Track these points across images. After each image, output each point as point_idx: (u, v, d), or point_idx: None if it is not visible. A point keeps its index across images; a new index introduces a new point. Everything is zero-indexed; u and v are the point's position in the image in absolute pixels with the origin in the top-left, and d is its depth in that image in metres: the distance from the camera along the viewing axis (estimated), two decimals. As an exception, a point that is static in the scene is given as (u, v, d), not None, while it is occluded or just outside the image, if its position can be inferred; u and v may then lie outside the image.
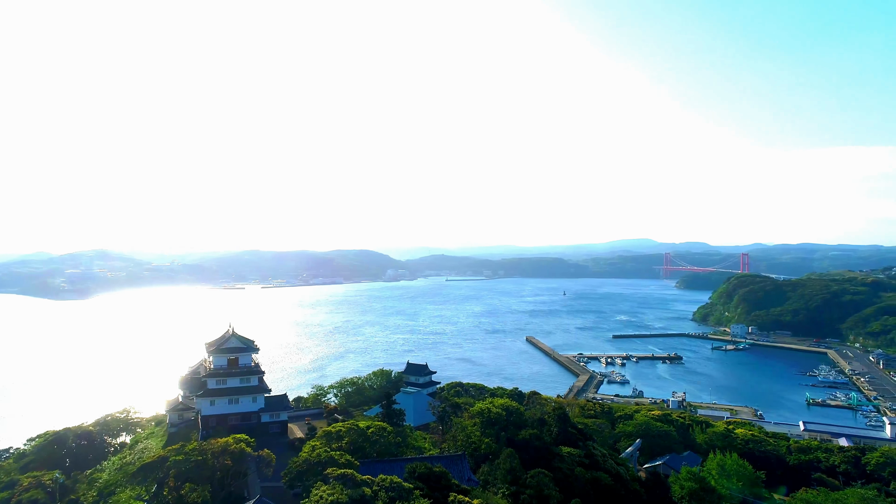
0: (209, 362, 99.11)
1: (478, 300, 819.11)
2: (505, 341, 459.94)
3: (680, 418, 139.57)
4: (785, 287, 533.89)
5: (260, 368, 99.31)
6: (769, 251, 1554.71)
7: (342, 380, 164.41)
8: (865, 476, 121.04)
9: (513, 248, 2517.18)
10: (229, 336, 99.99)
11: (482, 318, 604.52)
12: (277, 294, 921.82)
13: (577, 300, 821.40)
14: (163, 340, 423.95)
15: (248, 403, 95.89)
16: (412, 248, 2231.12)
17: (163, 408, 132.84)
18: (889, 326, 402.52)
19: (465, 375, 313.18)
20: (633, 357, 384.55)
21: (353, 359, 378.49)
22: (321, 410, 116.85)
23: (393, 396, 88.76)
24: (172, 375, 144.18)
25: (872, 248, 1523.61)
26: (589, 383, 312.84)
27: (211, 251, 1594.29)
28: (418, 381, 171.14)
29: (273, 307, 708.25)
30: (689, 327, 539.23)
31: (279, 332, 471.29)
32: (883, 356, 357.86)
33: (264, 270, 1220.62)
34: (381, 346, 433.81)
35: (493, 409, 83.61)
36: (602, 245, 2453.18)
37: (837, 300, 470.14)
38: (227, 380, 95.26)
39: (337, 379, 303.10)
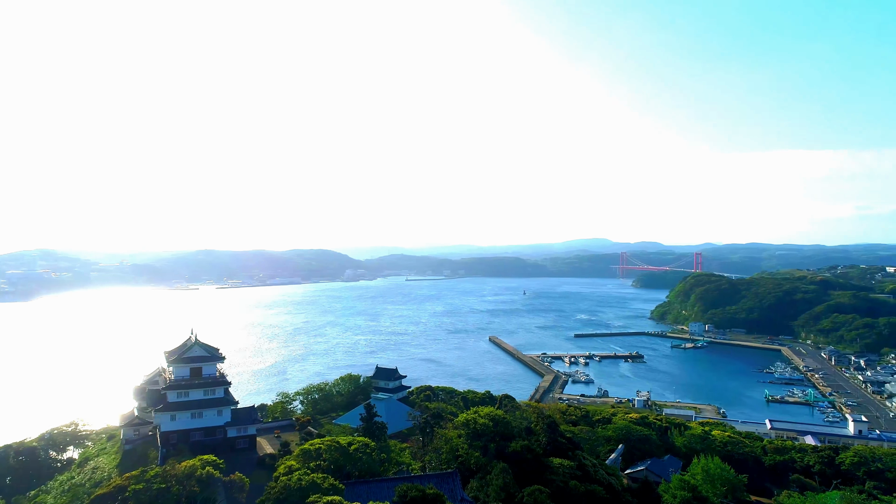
0: (169, 373, 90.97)
1: (439, 300, 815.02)
2: (468, 341, 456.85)
3: (657, 420, 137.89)
4: (739, 286, 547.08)
5: (226, 379, 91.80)
6: (720, 250, 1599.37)
7: (308, 386, 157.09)
8: (840, 475, 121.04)
9: (472, 247, 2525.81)
10: (192, 344, 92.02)
11: (444, 318, 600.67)
12: (234, 295, 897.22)
13: (537, 299, 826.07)
14: (114, 346, 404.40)
15: (213, 417, 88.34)
16: (371, 248, 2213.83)
17: (115, 420, 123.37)
18: (839, 324, 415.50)
19: (430, 377, 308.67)
20: (596, 356, 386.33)
21: (315, 361, 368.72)
22: (291, 422, 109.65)
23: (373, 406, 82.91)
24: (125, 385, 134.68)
25: (816, 247, 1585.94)
26: (554, 383, 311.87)
27: (162, 251, 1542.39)
28: (388, 386, 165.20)
29: (229, 309, 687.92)
30: (647, 326, 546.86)
31: (237, 335, 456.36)
32: (835, 353, 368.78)
33: (219, 271, 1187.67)
34: (343, 347, 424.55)
35: (479, 419, 78.82)
36: (559, 245, 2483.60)
37: (789, 298, 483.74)
38: (190, 392, 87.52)
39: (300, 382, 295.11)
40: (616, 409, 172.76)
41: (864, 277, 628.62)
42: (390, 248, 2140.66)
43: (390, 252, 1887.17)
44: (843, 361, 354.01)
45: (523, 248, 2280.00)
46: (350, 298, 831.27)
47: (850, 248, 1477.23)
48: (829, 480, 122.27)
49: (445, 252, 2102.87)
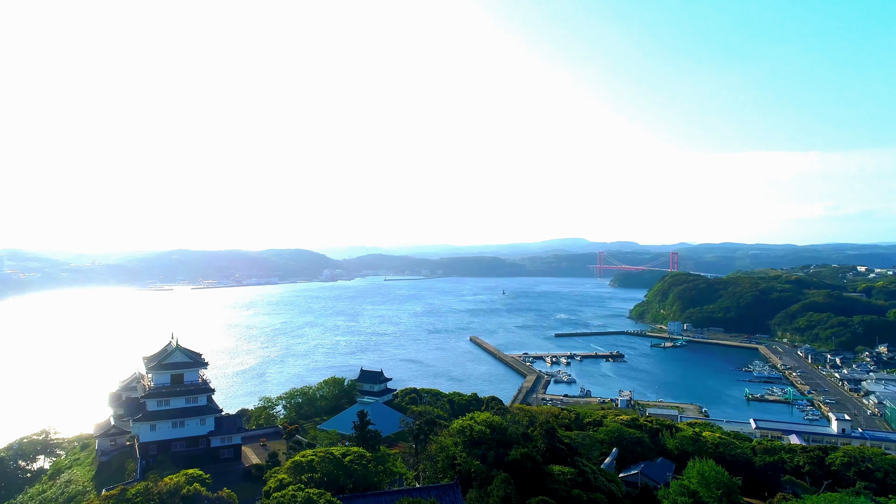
0: (148, 380, 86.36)
1: (418, 300, 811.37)
2: (449, 341, 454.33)
3: (647, 422, 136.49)
4: (717, 285, 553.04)
5: (209, 386, 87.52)
6: (695, 250, 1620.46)
7: (291, 390, 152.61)
8: (830, 476, 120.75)
9: (450, 247, 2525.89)
10: (172, 349, 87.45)
11: (424, 318, 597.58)
12: (209, 295, 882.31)
13: (516, 299, 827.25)
14: (86, 349, 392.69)
15: (196, 426, 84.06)
16: (348, 248, 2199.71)
17: (89, 428, 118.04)
18: (814, 322, 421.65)
19: (412, 378, 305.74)
20: (578, 356, 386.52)
21: (295, 362, 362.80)
22: (277, 429, 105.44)
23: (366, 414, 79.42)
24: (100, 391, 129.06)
25: (787, 247, 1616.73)
26: (537, 383, 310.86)
27: (135, 251, 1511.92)
28: (373, 389, 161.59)
29: (205, 309, 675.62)
30: (626, 325, 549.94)
31: (214, 336, 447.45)
32: (811, 351, 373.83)
33: (194, 271, 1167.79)
34: (323, 348, 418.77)
35: (475, 426, 75.89)
36: (537, 244, 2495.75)
37: (766, 297, 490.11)
38: (171, 400, 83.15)
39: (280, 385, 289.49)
40: (606, 411, 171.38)
41: (835, 276, 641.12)
42: (368, 248, 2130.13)
43: (368, 252, 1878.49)
44: (820, 359, 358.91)
45: (501, 248, 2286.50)
46: (328, 299, 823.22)
47: (820, 248, 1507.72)
48: (820, 481, 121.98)
49: (423, 252, 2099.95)
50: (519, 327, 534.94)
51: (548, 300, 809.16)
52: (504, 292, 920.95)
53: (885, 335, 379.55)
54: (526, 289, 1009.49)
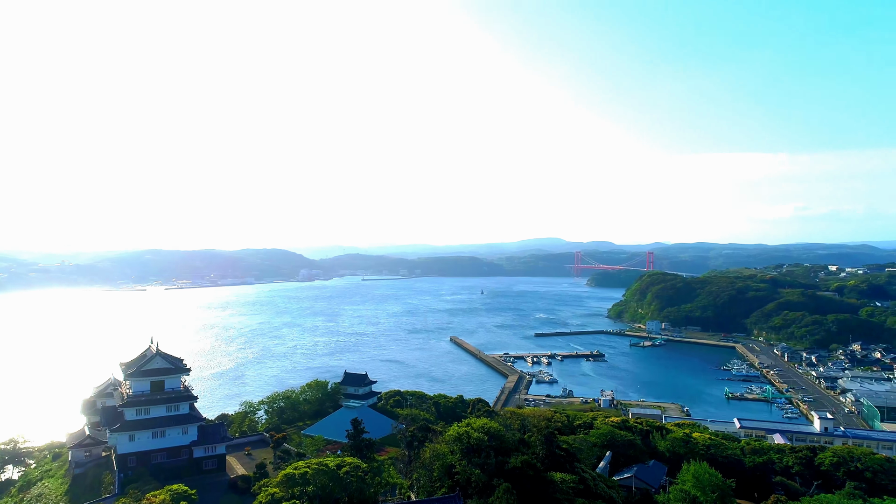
0: (126, 387, 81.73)
1: (397, 300, 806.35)
2: (429, 341, 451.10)
3: (637, 424, 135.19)
4: (694, 284, 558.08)
5: (191, 393, 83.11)
6: (669, 250, 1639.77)
7: (273, 394, 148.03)
8: (820, 476, 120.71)
9: (427, 246, 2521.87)
10: (152, 355, 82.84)
11: (403, 318, 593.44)
12: (183, 296, 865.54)
13: (495, 298, 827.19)
14: (57, 353, 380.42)
15: (177, 436, 79.67)
16: (325, 248, 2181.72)
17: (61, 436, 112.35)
18: (789, 321, 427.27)
19: (393, 378, 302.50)
20: (558, 356, 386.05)
21: (274, 364, 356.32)
22: (262, 436, 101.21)
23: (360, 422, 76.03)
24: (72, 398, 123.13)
25: (759, 246, 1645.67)
26: (519, 384, 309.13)
27: (106, 251, 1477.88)
28: (357, 393, 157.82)
29: (180, 310, 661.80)
30: (605, 324, 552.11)
31: (189, 338, 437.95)
32: (787, 349, 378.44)
33: (167, 271, 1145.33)
34: (302, 349, 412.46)
35: (472, 433, 73.09)
36: (514, 244, 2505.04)
37: (742, 296, 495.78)
38: (151, 408, 78.62)
39: (259, 388, 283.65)
40: (595, 413, 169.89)
41: (808, 276, 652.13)
42: (345, 248, 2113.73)
43: (345, 251, 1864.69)
44: (796, 358, 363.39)
45: (479, 248, 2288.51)
46: (306, 299, 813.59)
47: (791, 248, 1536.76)
48: (810, 482, 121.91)
49: (401, 251, 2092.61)
50: (498, 327, 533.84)
51: (526, 299, 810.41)
52: (483, 292, 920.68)
53: (857, 333, 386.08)
54: (504, 288, 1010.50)
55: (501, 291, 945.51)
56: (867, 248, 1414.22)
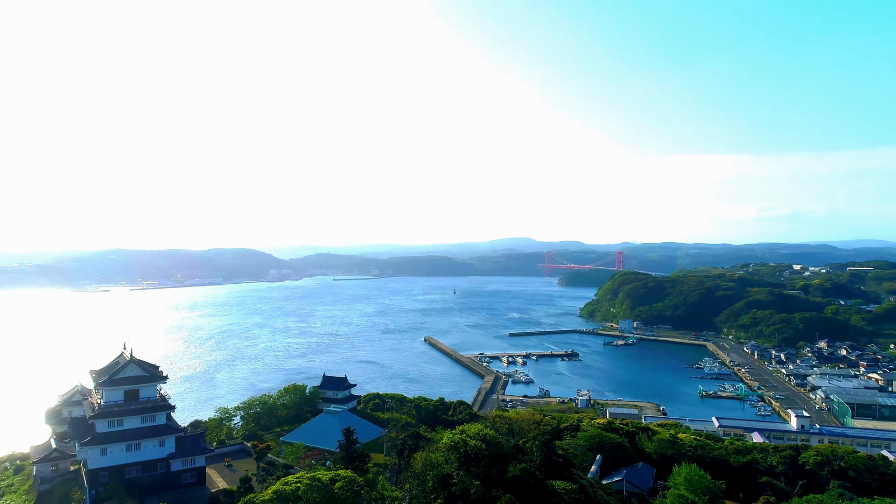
0: (97, 397, 76.39)
1: (369, 300, 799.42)
2: (403, 342, 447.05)
3: (622, 425, 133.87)
4: (665, 284, 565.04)
5: (168, 402, 78.19)
6: (638, 249, 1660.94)
7: (250, 399, 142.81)
8: (804, 475, 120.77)
9: (398, 246, 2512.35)
10: (126, 362, 77.52)
11: (376, 318, 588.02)
12: (149, 296, 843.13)
13: (467, 298, 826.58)
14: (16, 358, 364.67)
15: (154, 449, 74.68)
16: (295, 247, 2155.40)
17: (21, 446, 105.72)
18: (758, 319, 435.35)
19: (368, 380, 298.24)
20: (533, 355, 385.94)
21: (245, 366, 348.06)
22: (243, 446, 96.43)
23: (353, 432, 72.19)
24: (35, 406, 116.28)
25: (725, 246, 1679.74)
26: (496, 384, 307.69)
27: (68, 250, 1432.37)
28: (337, 397, 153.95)
29: (146, 311, 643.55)
30: (578, 323, 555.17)
31: (156, 340, 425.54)
32: (757, 347, 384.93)
33: (132, 271, 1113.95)
34: (274, 350, 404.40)
35: (470, 441, 69.95)
36: (485, 244, 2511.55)
37: (712, 295, 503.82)
38: (125, 420, 73.43)
39: (232, 392, 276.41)
40: (581, 415, 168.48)
41: (773, 275, 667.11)
42: (315, 248, 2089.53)
43: (315, 251, 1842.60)
44: (765, 356, 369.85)
45: (450, 247, 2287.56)
46: (277, 299, 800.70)
47: (755, 247, 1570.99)
48: (794, 481, 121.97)
49: (372, 251, 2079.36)
50: (472, 326, 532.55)
51: (499, 299, 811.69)
52: (455, 291, 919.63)
53: (824, 331, 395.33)
54: (477, 288, 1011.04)
55: (474, 291, 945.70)
56: (827, 248, 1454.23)
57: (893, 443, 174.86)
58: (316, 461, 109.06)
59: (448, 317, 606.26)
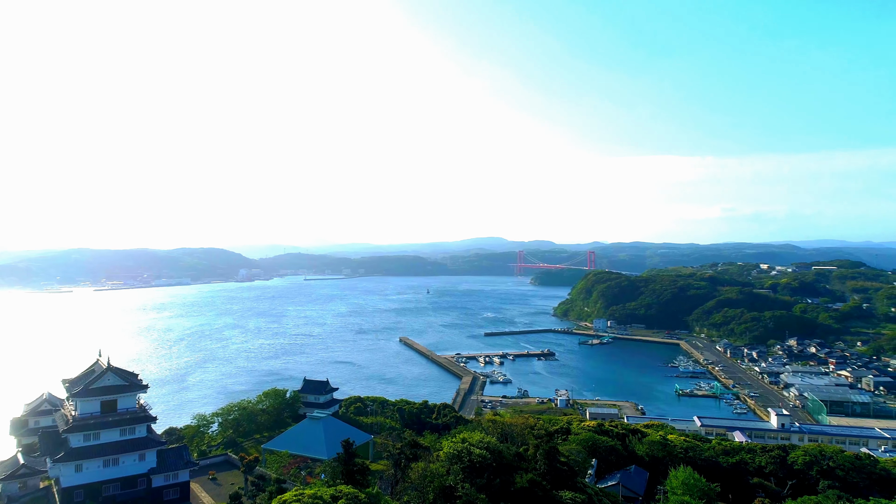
0: (71, 408, 70.81)
1: (342, 300, 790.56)
2: (378, 342, 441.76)
3: (612, 427, 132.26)
4: (638, 283, 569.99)
5: (149, 413, 72.97)
6: (608, 249, 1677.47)
7: (228, 405, 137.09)
8: (794, 476, 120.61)
9: (370, 245, 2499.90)
10: (103, 371, 71.91)
11: (350, 319, 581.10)
12: (114, 297, 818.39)
13: (441, 297, 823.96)
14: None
15: (134, 464, 69.46)
16: (264, 247, 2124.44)
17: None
18: (729, 317, 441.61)
19: (345, 382, 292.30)
20: (510, 355, 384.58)
21: (217, 368, 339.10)
22: (225, 457, 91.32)
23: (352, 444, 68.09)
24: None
25: (691, 246, 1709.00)
26: (474, 385, 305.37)
27: (28, 250, 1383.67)
28: (319, 401, 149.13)
29: (111, 312, 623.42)
30: (552, 322, 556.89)
31: (123, 342, 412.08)
32: (729, 346, 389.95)
33: (96, 271, 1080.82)
34: (246, 351, 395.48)
35: (474, 450, 66.76)
36: (457, 243, 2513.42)
37: (684, 294, 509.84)
38: (102, 433, 68.04)
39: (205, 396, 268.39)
40: (570, 418, 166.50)
41: (741, 274, 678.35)
42: (285, 247, 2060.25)
43: (286, 251, 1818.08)
44: (737, 354, 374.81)
45: (422, 247, 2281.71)
46: (248, 299, 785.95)
47: (720, 247, 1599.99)
48: (784, 481, 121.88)
49: (343, 251, 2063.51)
50: (446, 326, 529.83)
51: (473, 298, 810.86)
52: (429, 291, 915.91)
53: (793, 329, 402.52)
54: (450, 287, 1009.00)
55: (447, 290, 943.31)
56: (790, 248, 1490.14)
57: (871, 440, 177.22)
58: (301, 470, 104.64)
59: (422, 316, 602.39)
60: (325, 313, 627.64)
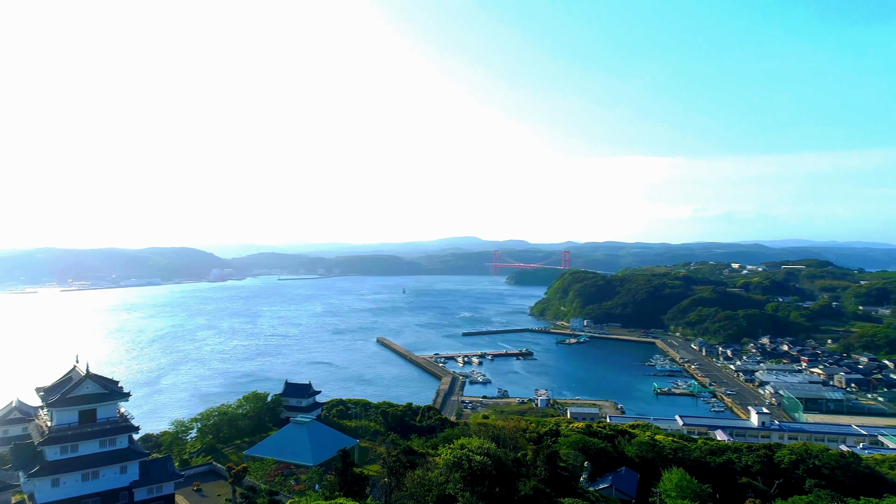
0: (45, 419, 66.63)
1: (318, 300, 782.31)
2: (356, 342, 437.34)
3: (601, 428, 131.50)
4: (614, 282, 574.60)
5: (130, 423, 69.10)
6: (582, 248, 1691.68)
7: (207, 410, 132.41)
8: (780, 475, 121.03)
9: (344, 245, 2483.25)
10: (81, 378, 67.78)
11: (326, 319, 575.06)
12: (82, 298, 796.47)
13: (417, 297, 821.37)
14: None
15: (114, 477, 65.57)
16: (237, 246, 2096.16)
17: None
18: (704, 316, 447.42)
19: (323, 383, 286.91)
20: (489, 355, 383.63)
21: (190, 370, 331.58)
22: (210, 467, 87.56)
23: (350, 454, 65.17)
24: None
25: (664, 245, 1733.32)
26: (453, 385, 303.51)
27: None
28: (301, 405, 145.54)
29: (79, 313, 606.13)
30: (529, 322, 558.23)
31: (92, 344, 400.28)
32: (704, 344, 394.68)
33: (63, 271, 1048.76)
34: (221, 353, 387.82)
35: (474, 457, 64.58)
36: (432, 242, 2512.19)
37: (659, 293, 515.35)
38: (80, 445, 64.09)
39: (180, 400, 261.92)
40: (559, 419, 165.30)
41: (714, 273, 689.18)
42: (258, 247, 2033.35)
43: (259, 250, 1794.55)
44: (713, 352, 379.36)
45: (397, 246, 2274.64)
46: (221, 299, 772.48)
47: (692, 246, 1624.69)
48: (771, 480, 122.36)
49: (317, 250, 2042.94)
50: (423, 326, 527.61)
51: (449, 298, 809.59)
52: (405, 291, 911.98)
53: (766, 327, 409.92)
54: (426, 287, 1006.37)
55: (423, 290, 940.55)
56: (759, 248, 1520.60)
57: (849, 437, 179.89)
58: (287, 477, 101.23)
59: (399, 316, 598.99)
60: (301, 313, 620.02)
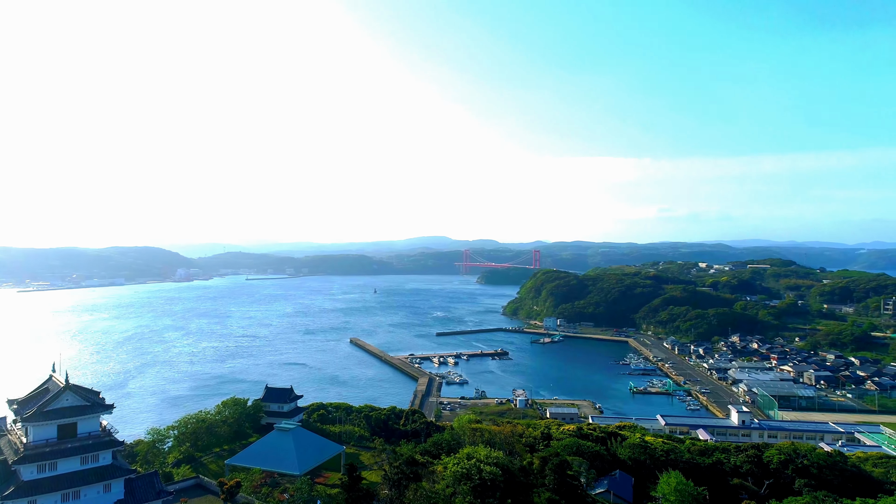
0: (19, 434, 61.21)
1: (287, 300, 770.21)
2: (328, 343, 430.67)
3: (591, 430, 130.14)
4: (586, 282, 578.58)
5: (114, 437, 63.97)
6: (551, 248, 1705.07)
7: (185, 417, 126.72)
8: (770, 475, 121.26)
9: (312, 244, 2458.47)
10: (60, 389, 62.31)
11: (297, 319, 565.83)
12: (40, 299, 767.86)
13: (389, 297, 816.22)
14: None
15: (97, 496, 60.46)
16: (202, 245, 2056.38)
17: None
18: (675, 315, 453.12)
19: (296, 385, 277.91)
20: (464, 355, 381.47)
21: (158, 373, 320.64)
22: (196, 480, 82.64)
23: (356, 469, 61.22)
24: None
25: (631, 245, 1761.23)
26: (430, 386, 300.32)
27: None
28: (282, 410, 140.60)
29: (37, 315, 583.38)
30: (502, 321, 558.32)
31: (52, 346, 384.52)
32: (676, 343, 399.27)
33: (19, 271, 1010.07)
34: (189, 354, 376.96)
35: (484, 468, 61.70)
36: (402, 242, 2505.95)
37: (630, 292, 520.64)
38: (59, 462, 58.86)
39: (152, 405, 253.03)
40: (549, 422, 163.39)
41: (682, 272, 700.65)
42: (224, 246, 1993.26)
43: (225, 250, 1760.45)
44: (684, 350, 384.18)
45: (366, 246, 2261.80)
46: (188, 300, 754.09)
47: (658, 246, 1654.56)
48: (761, 481, 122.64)
49: (285, 250, 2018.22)
50: (396, 326, 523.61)
51: (420, 297, 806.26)
52: (376, 291, 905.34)
53: (735, 326, 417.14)
54: (396, 286, 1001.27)
55: (394, 290, 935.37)
56: (722, 247, 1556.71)
57: (827, 434, 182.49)
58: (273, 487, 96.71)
59: (371, 316, 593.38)
60: (271, 314, 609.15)
